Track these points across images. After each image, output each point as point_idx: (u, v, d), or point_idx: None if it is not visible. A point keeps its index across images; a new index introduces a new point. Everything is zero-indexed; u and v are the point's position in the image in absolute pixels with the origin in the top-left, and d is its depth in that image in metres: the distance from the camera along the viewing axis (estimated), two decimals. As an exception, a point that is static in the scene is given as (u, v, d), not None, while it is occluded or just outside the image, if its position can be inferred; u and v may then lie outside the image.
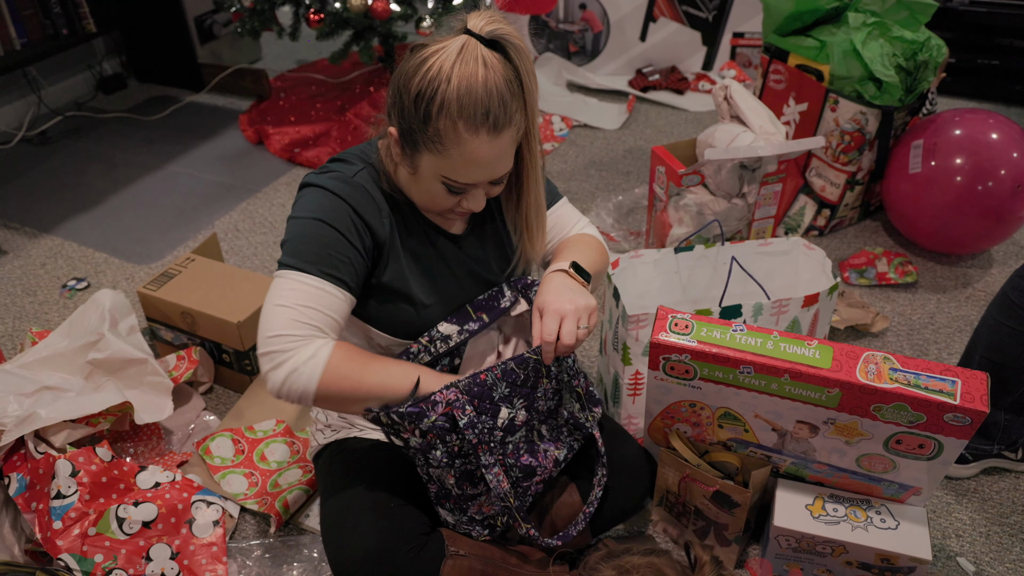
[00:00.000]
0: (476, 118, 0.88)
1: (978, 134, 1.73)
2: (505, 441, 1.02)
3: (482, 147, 0.90)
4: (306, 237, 0.94)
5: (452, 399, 0.96)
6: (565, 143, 2.49)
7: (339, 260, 0.94)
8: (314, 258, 0.93)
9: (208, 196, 2.27)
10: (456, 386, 0.97)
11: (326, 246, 0.94)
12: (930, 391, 0.94)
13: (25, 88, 2.69)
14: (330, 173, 1.00)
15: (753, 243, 1.40)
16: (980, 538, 1.26)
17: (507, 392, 1.01)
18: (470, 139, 0.89)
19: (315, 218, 0.95)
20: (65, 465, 1.19)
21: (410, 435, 0.98)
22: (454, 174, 0.93)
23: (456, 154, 0.91)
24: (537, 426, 1.07)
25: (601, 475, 1.13)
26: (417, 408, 0.95)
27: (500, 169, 0.95)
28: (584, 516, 1.11)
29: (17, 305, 1.84)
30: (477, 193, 0.98)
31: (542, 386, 1.04)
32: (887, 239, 1.98)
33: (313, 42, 3.16)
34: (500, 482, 1.00)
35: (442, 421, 0.96)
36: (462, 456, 1.01)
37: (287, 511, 1.29)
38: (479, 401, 0.98)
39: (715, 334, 1.02)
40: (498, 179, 0.97)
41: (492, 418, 1.00)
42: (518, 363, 1.01)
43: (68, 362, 1.41)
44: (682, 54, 2.80)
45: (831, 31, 1.83)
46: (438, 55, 0.88)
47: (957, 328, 1.69)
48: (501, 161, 0.94)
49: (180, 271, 1.59)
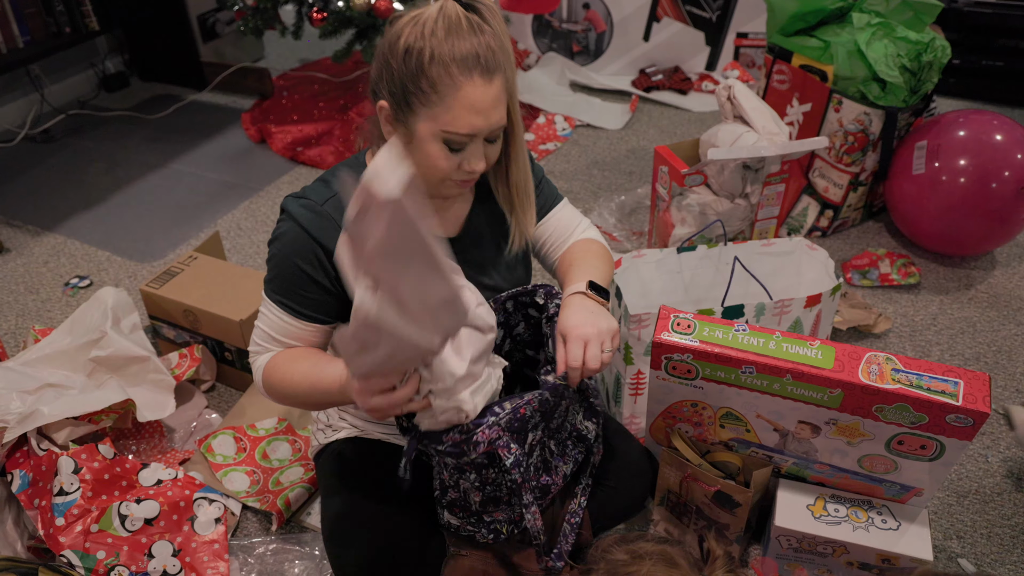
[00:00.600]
0: (468, 61, 0.90)
1: (982, 135, 1.72)
2: (528, 465, 1.00)
3: (477, 90, 0.91)
4: (279, 274, 1.00)
5: (494, 437, 0.92)
6: (568, 143, 2.49)
7: (304, 298, 1.00)
8: (284, 293, 1.00)
9: (211, 195, 2.27)
10: (499, 424, 0.92)
11: (294, 285, 0.99)
12: (932, 392, 0.94)
13: (28, 86, 2.70)
14: (303, 200, 1.00)
15: (756, 243, 1.40)
16: (982, 539, 1.25)
17: (537, 419, 0.99)
18: (465, 82, 0.90)
19: (284, 254, 0.99)
20: (68, 462, 1.20)
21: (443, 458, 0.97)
22: (453, 124, 0.92)
23: (452, 101, 0.91)
24: (547, 442, 1.05)
25: (585, 484, 1.11)
26: (457, 449, 0.92)
27: (495, 118, 0.94)
28: (571, 527, 1.08)
29: (20, 303, 1.84)
30: (476, 148, 0.96)
31: (560, 406, 1.04)
32: (890, 240, 1.97)
33: (315, 41, 3.16)
34: (536, 520, 0.98)
35: (481, 459, 0.95)
36: (493, 484, 1.00)
37: (289, 509, 1.29)
38: (517, 435, 0.95)
39: (717, 334, 1.02)
40: (494, 134, 0.96)
41: (527, 455, 0.98)
42: (552, 393, 0.98)
43: (71, 360, 1.41)
44: (685, 54, 2.79)
45: (835, 31, 1.82)
46: (419, 16, 0.91)
47: (960, 329, 1.69)
48: (496, 109, 0.93)
49: (182, 269, 1.59)
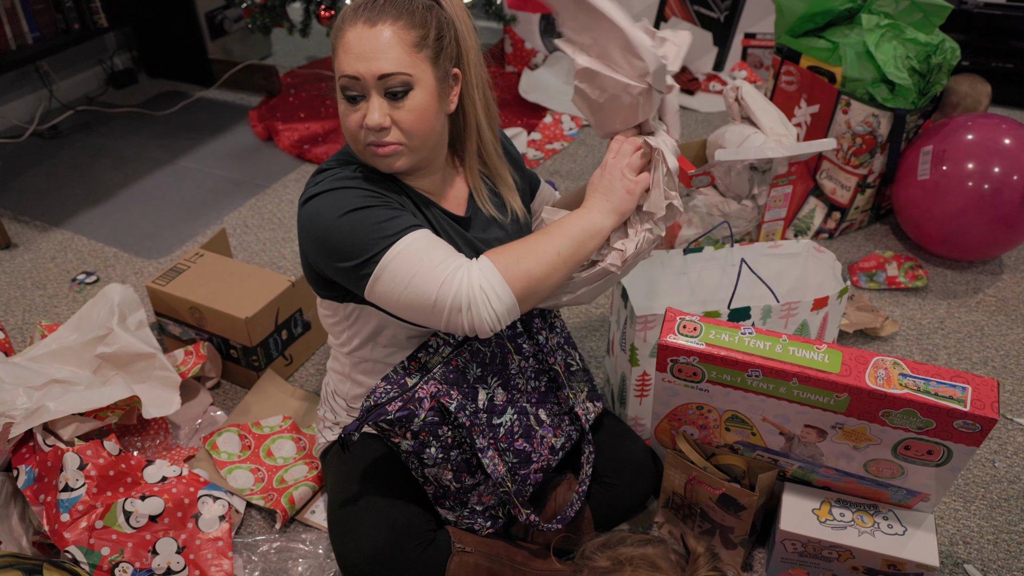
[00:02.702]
0: (358, 9, 0.93)
1: (989, 140, 1.71)
2: (493, 423, 1.03)
3: (356, 33, 0.92)
4: (367, 220, 0.93)
5: (434, 391, 0.98)
6: (575, 142, 2.49)
7: (401, 214, 0.96)
8: (395, 223, 0.94)
9: (217, 192, 2.28)
10: (434, 378, 0.99)
11: (386, 214, 0.95)
12: (940, 397, 0.93)
13: (37, 82, 2.71)
14: (329, 177, 0.99)
15: (763, 245, 1.39)
16: (988, 545, 1.25)
17: (479, 372, 1.03)
18: (348, 29, 0.93)
19: (352, 209, 0.94)
20: (73, 458, 1.20)
21: (401, 439, 0.99)
22: (339, 68, 0.94)
23: (338, 46, 0.94)
24: (531, 409, 1.08)
25: (588, 452, 1.14)
26: (406, 411, 0.96)
27: (380, 65, 0.91)
28: (578, 495, 1.11)
29: (27, 298, 1.85)
30: (372, 102, 0.93)
31: (514, 363, 1.05)
32: (897, 243, 1.96)
33: (321, 39, 3.16)
34: (496, 466, 1.02)
35: (431, 416, 0.98)
36: (457, 447, 1.02)
37: (293, 507, 1.29)
38: (457, 387, 1.00)
39: (723, 337, 1.02)
40: (390, 87, 0.92)
41: (473, 402, 1.02)
42: (483, 342, 1.04)
43: (77, 356, 1.42)
44: (693, 54, 2.78)
45: (844, 32, 1.82)
46: None
47: (967, 333, 1.68)
48: (382, 57, 0.91)
49: (189, 266, 1.60)
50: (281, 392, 1.53)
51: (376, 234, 0.93)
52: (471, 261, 0.95)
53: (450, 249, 0.95)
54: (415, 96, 0.94)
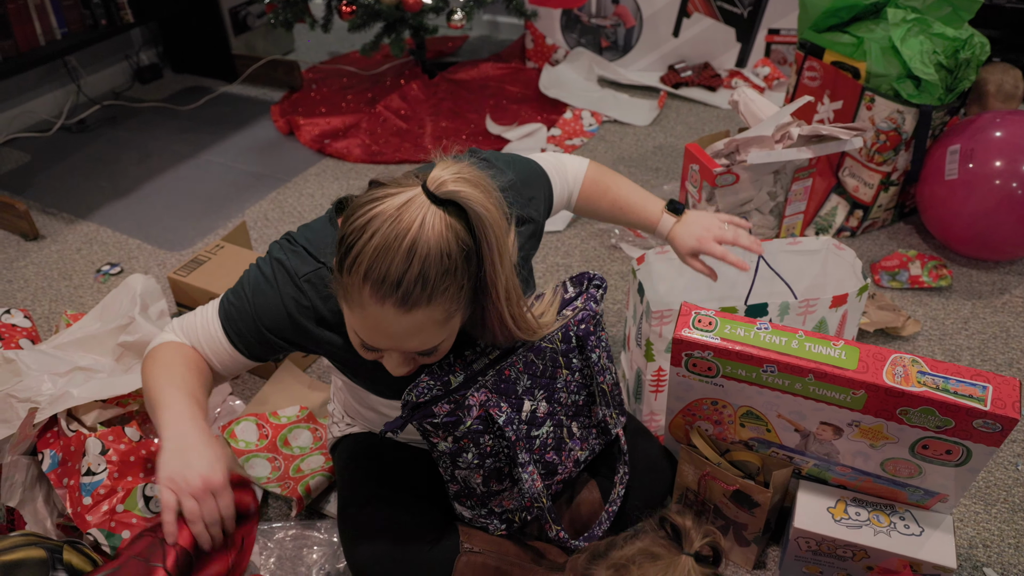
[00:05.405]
0: (384, 286, 0.76)
1: (1018, 137, 1.67)
2: (532, 435, 1.01)
3: (387, 317, 0.79)
4: (242, 318, 0.95)
5: (484, 400, 0.95)
6: (595, 138, 2.48)
7: (253, 344, 0.96)
8: (238, 333, 0.96)
9: (239, 185, 2.30)
10: (485, 386, 0.95)
11: (251, 335, 0.96)
12: (959, 396, 0.92)
13: (65, 77, 2.76)
14: (288, 265, 0.94)
15: (782, 242, 1.38)
16: (1009, 549, 1.23)
17: (529, 384, 1.00)
18: (374, 306, 0.78)
19: (254, 315, 0.94)
20: (95, 443, 1.22)
21: (440, 440, 0.97)
22: (361, 333, 0.84)
23: (360, 315, 0.81)
24: (566, 422, 1.06)
25: (623, 473, 1.12)
26: (454, 416, 0.93)
27: (414, 344, 0.83)
28: (607, 515, 1.10)
29: (54, 288, 1.89)
30: (392, 357, 0.87)
31: (561, 376, 1.04)
32: (921, 242, 1.93)
33: (343, 34, 3.18)
34: (534, 482, 0.99)
35: (477, 424, 0.95)
36: (493, 455, 1.00)
37: (309, 496, 1.30)
38: (507, 397, 0.97)
39: (739, 331, 1.01)
40: (424, 351, 0.86)
41: (517, 412, 0.99)
42: (536, 353, 1.00)
43: (100, 344, 1.44)
44: (716, 50, 2.76)
45: (869, 27, 1.79)
46: (381, 202, 0.77)
47: (992, 335, 1.65)
48: (416, 337, 0.82)
49: (209, 258, 1.62)
50: (298, 383, 1.55)
51: (237, 316, 0.96)
52: (173, 337, 0.99)
53: (197, 341, 0.97)
54: (443, 345, 0.87)
